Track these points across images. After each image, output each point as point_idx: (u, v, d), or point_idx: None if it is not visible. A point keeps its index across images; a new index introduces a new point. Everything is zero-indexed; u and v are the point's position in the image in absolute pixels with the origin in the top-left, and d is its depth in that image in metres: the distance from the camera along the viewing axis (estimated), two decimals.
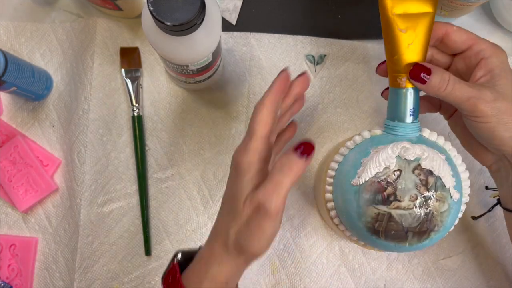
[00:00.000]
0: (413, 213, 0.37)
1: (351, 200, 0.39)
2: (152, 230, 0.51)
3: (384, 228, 0.38)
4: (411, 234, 0.38)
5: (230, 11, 0.53)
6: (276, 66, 0.53)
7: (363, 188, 0.38)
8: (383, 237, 0.38)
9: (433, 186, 0.38)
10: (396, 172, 0.38)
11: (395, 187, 0.37)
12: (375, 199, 0.38)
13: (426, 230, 0.38)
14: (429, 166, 0.38)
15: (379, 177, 0.38)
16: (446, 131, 0.53)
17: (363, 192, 0.38)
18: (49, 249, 0.51)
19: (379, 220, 0.38)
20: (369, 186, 0.38)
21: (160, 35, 0.38)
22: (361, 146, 0.41)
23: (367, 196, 0.38)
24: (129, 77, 0.52)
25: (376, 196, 0.38)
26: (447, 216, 0.38)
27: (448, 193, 0.38)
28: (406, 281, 0.51)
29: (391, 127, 0.40)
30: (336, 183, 0.42)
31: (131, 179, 0.51)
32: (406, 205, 0.37)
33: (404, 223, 0.37)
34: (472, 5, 0.47)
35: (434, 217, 0.38)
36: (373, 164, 0.38)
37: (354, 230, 0.41)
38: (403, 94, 0.39)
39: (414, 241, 0.38)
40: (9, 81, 0.45)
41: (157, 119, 0.52)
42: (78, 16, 0.54)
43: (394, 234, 0.38)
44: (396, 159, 0.38)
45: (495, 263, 0.52)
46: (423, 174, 0.38)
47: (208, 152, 0.52)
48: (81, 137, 0.51)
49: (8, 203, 0.51)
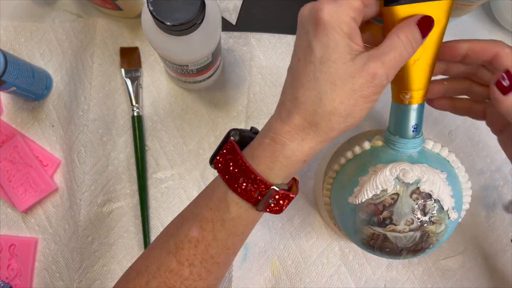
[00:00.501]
0: (408, 236, 0.37)
1: (348, 216, 0.39)
2: (152, 230, 0.51)
3: (379, 246, 0.38)
4: (405, 252, 0.38)
5: (230, 11, 0.53)
6: (276, 66, 0.53)
7: (359, 208, 0.38)
8: (378, 252, 0.38)
9: (430, 210, 0.37)
10: (394, 196, 0.37)
11: (391, 211, 0.37)
12: (371, 221, 0.37)
13: (421, 249, 0.38)
14: (428, 189, 0.36)
15: (376, 200, 0.37)
16: (446, 131, 0.53)
17: (359, 212, 0.38)
18: (49, 249, 0.51)
19: (374, 239, 0.38)
20: (365, 207, 0.37)
21: (160, 35, 0.38)
22: (360, 159, 0.40)
23: (363, 216, 0.37)
24: (129, 77, 0.52)
25: (372, 218, 0.37)
26: (443, 235, 0.38)
27: (446, 215, 0.37)
28: (406, 281, 0.51)
29: (392, 142, 0.38)
30: (334, 194, 0.42)
31: (131, 179, 0.51)
32: (402, 229, 0.37)
33: (398, 244, 0.37)
34: (472, 5, 0.47)
35: (429, 238, 0.37)
36: (370, 186, 0.37)
37: (350, 239, 0.41)
38: (406, 110, 0.36)
39: (409, 256, 0.38)
40: (8, 81, 0.45)
41: (157, 119, 0.52)
42: (78, 16, 0.54)
43: (389, 251, 0.38)
44: (394, 182, 0.36)
45: (495, 263, 0.52)
46: (421, 198, 0.36)
47: (208, 152, 0.52)
48: (81, 137, 0.51)
49: (8, 203, 0.51)
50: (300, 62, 0.31)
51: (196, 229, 0.32)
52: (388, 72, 0.29)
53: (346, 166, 0.41)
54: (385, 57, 0.29)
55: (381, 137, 0.40)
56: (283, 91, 0.32)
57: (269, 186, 0.31)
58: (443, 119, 0.53)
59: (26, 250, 0.50)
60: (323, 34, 0.29)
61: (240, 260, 0.50)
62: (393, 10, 0.32)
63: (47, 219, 0.51)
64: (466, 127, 0.53)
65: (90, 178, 0.51)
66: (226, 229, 0.32)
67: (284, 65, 0.53)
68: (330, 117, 0.30)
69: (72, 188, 0.51)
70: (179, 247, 0.32)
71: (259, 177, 0.31)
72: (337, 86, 0.29)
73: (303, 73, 0.30)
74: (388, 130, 0.39)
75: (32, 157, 0.50)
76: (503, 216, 0.52)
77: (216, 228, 0.32)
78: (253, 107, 0.52)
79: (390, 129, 0.38)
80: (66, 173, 0.51)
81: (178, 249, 0.32)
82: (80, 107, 0.51)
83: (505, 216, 0.52)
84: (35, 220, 0.51)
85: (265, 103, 0.52)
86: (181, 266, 0.32)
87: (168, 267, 0.32)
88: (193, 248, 0.32)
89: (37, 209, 0.51)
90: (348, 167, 0.41)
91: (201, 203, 0.33)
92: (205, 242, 0.32)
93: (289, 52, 0.53)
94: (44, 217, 0.51)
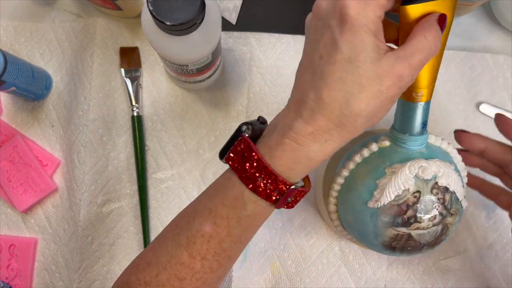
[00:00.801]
0: (431, 231, 0.37)
1: (367, 222, 0.38)
2: (152, 230, 0.51)
3: (402, 246, 0.38)
4: (426, 247, 0.38)
5: (230, 11, 0.53)
6: (276, 66, 0.53)
7: (381, 211, 0.37)
8: (399, 252, 0.38)
9: (449, 203, 0.37)
10: (416, 194, 0.37)
11: (415, 210, 0.37)
12: (395, 222, 0.37)
13: (440, 241, 0.38)
14: (445, 183, 0.37)
15: (398, 201, 0.37)
16: (447, 131, 0.53)
17: (381, 215, 0.37)
18: (49, 250, 0.50)
19: (398, 240, 0.38)
20: (388, 210, 0.37)
21: (160, 35, 0.38)
22: (371, 161, 0.39)
23: (386, 219, 0.37)
24: (128, 77, 0.52)
25: (396, 219, 0.37)
26: (457, 224, 0.39)
27: (460, 205, 0.38)
28: (407, 281, 0.51)
29: (401, 140, 0.38)
30: (345, 200, 0.41)
31: (130, 179, 0.51)
32: (426, 225, 0.37)
33: (421, 241, 0.38)
34: (473, 4, 0.47)
35: (448, 230, 0.38)
36: (392, 188, 0.36)
37: (366, 244, 0.41)
38: (416, 108, 0.37)
39: (427, 250, 0.39)
40: (8, 81, 0.45)
41: (157, 119, 0.52)
42: (78, 16, 0.54)
43: (410, 249, 0.38)
44: (414, 180, 0.36)
45: (495, 263, 0.51)
46: (441, 193, 0.37)
47: (208, 152, 0.52)
48: (81, 137, 0.51)
49: (8, 203, 0.51)
50: (322, 60, 0.29)
51: (210, 225, 0.32)
52: (413, 73, 0.29)
53: (356, 170, 0.40)
54: (412, 58, 0.29)
55: (386, 137, 0.39)
56: (299, 88, 0.31)
57: (289, 186, 0.31)
58: (443, 119, 0.53)
59: (26, 250, 0.50)
60: (350, 32, 0.28)
61: (240, 260, 0.50)
62: (410, 9, 0.31)
63: (47, 219, 0.51)
64: (466, 127, 0.53)
65: (90, 178, 0.51)
66: (242, 226, 0.32)
67: (283, 65, 0.53)
68: (356, 118, 0.29)
69: (72, 188, 0.51)
70: (191, 241, 0.32)
71: (280, 178, 0.30)
72: (364, 87, 0.28)
73: (327, 72, 0.29)
74: (394, 128, 0.39)
75: (32, 157, 0.50)
76: (503, 216, 0.52)
77: (232, 225, 0.32)
78: (253, 107, 0.52)
79: (397, 128, 0.38)
80: (66, 173, 0.51)
81: (190, 243, 0.32)
82: (80, 107, 0.51)
83: (505, 216, 0.52)
84: (35, 220, 0.51)
85: (265, 103, 0.52)
86: (193, 260, 0.32)
87: (179, 260, 0.32)
88: (205, 243, 0.32)
89: (37, 209, 0.51)
90: (359, 171, 0.40)
91: (215, 198, 0.33)
92: (218, 237, 0.32)
93: (289, 52, 0.53)
94: (44, 217, 0.51)
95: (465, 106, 0.53)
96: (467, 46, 0.54)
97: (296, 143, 0.30)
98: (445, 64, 0.53)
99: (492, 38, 0.55)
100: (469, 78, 0.53)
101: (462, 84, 0.53)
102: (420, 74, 0.35)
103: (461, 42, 0.54)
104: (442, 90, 0.53)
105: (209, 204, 0.33)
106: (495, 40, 0.55)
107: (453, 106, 0.53)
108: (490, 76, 0.53)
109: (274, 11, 0.53)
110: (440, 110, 0.53)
